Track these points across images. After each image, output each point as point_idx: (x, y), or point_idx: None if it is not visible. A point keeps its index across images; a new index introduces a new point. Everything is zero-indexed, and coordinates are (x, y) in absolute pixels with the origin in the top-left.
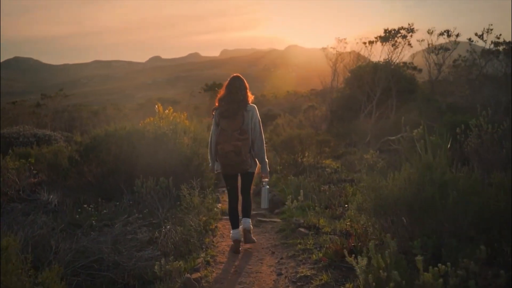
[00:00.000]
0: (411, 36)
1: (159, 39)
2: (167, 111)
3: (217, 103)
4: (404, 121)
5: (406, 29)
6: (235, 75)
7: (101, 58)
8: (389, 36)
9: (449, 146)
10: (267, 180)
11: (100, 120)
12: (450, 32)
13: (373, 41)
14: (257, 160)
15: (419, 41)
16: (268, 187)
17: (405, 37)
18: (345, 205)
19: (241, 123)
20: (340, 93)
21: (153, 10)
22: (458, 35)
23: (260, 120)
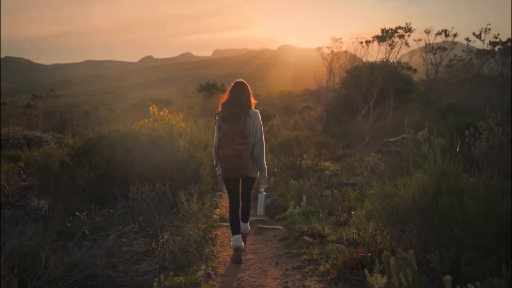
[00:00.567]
0: (409, 35)
1: (151, 39)
2: (162, 112)
3: (220, 108)
4: (407, 123)
5: (403, 29)
6: (238, 80)
7: (93, 58)
8: (386, 35)
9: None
10: (265, 186)
11: (92, 121)
12: (447, 31)
13: (369, 41)
14: (256, 165)
15: (416, 40)
16: (265, 193)
17: (402, 36)
18: (351, 212)
19: (243, 128)
20: (336, 93)
21: (145, 9)
22: (455, 35)
23: (262, 125)
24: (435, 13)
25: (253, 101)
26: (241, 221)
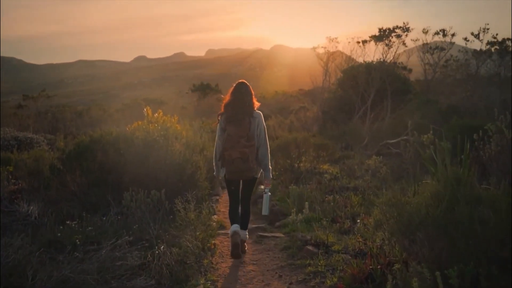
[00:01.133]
0: (406, 35)
1: (144, 38)
2: (157, 114)
3: (223, 109)
4: (410, 125)
5: (401, 28)
6: (240, 81)
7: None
8: (383, 35)
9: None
10: (269, 187)
11: (84, 121)
12: (445, 31)
13: (366, 41)
14: (260, 166)
15: (414, 40)
16: (269, 194)
17: (399, 36)
18: (355, 219)
19: (248, 130)
20: (332, 94)
21: (138, 9)
22: (454, 35)
23: (265, 127)
24: (431, 13)
25: (256, 103)
26: (240, 228)
